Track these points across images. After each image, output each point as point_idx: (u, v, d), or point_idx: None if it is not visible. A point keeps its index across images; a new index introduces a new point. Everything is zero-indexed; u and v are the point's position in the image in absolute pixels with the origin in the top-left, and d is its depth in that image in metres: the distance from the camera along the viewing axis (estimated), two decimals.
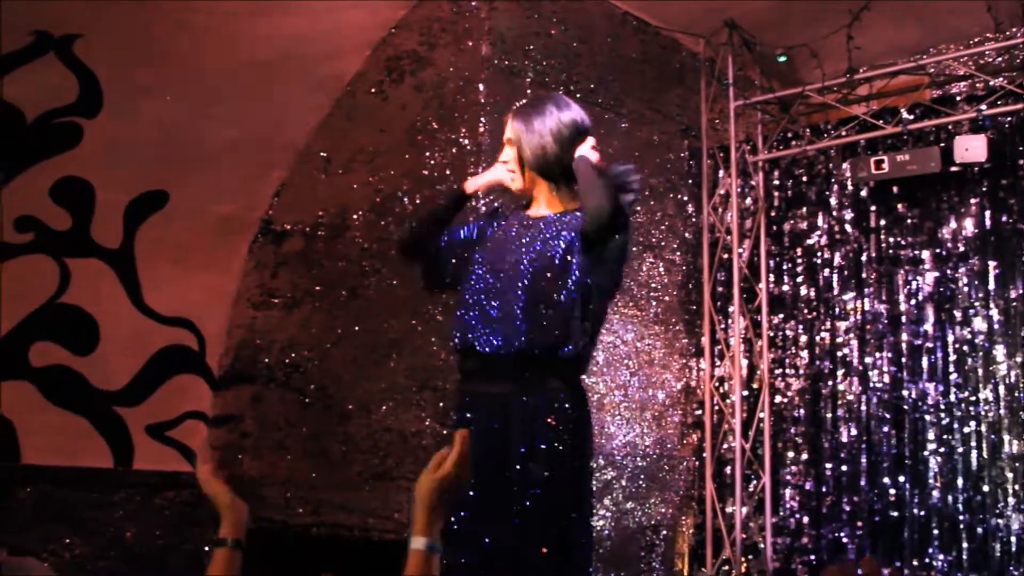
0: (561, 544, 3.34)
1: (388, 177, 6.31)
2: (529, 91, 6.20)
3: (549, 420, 3.30)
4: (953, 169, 6.52)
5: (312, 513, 6.32)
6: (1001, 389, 6.35)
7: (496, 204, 3.63)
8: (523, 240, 3.45)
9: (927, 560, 6.38)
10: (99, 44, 5.82)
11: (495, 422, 3.33)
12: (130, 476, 6.42)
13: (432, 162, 6.08)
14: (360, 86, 6.59)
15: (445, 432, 5.81)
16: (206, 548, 6.58)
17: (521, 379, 3.33)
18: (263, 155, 6.69)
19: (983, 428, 6.37)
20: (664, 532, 6.86)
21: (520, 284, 3.35)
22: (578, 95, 6.44)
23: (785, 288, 7.31)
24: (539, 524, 3.27)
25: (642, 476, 6.75)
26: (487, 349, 3.37)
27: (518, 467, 3.27)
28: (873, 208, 7.01)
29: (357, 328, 6.32)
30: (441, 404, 5.84)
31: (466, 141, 5.97)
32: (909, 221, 6.86)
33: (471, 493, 3.27)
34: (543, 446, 3.28)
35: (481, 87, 6.03)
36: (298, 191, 6.82)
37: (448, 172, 6.00)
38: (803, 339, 7.19)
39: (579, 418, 3.42)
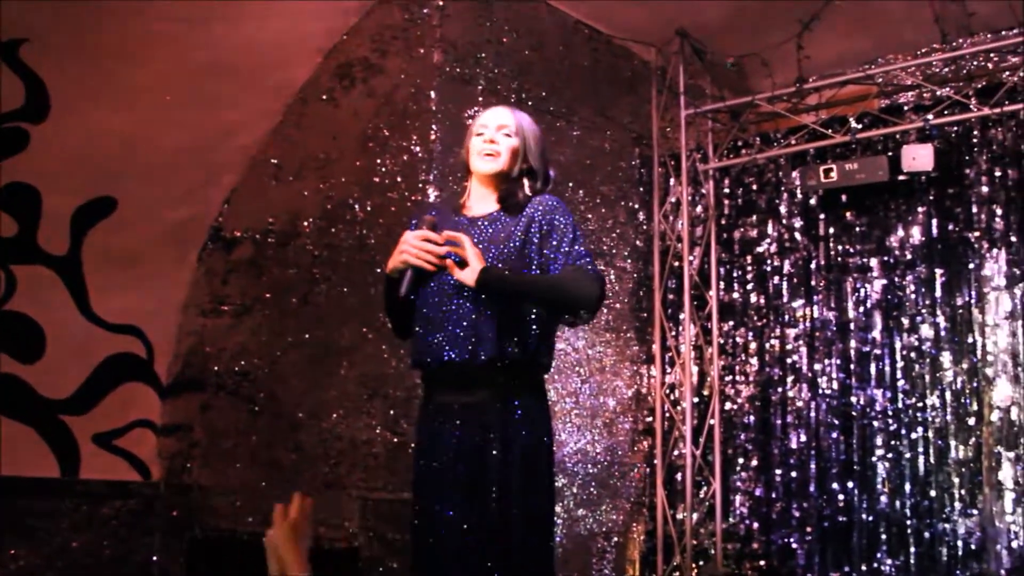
0: (538, 552, 3.39)
1: (339, 184, 6.29)
2: (481, 99, 6.20)
3: (524, 428, 3.36)
4: (901, 178, 6.59)
5: (262, 522, 6.24)
6: (948, 395, 6.42)
7: (424, 218, 3.50)
8: (479, 241, 3.45)
9: (875, 565, 6.43)
10: (46, 49, 5.75)
11: (470, 432, 3.36)
12: (77, 485, 6.34)
13: (383, 169, 6.07)
14: (311, 93, 6.56)
15: (396, 440, 5.79)
16: (154, 558, 6.53)
17: (495, 386, 3.37)
18: (213, 162, 6.65)
19: (930, 434, 6.43)
20: (615, 539, 6.87)
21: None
22: (530, 103, 6.46)
23: (735, 295, 7.36)
24: (518, 532, 3.30)
25: (593, 483, 6.76)
26: (455, 358, 3.38)
27: (496, 475, 3.30)
28: (822, 216, 7.07)
29: (307, 336, 6.29)
30: (392, 412, 5.82)
31: (417, 148, 5.96)
32: (857, 229, 6.93)
33: (450, 511, 3.33)
34: (519, 453, 3.33)
35: (433, 94, 6.02)
36: (249, 198, 6.78)
37: (399, 179, 5.99)
38: (753, 346, 7.24)
39: (548, 424, 3.50)
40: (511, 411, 3.38)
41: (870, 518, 6.52)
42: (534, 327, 3.45)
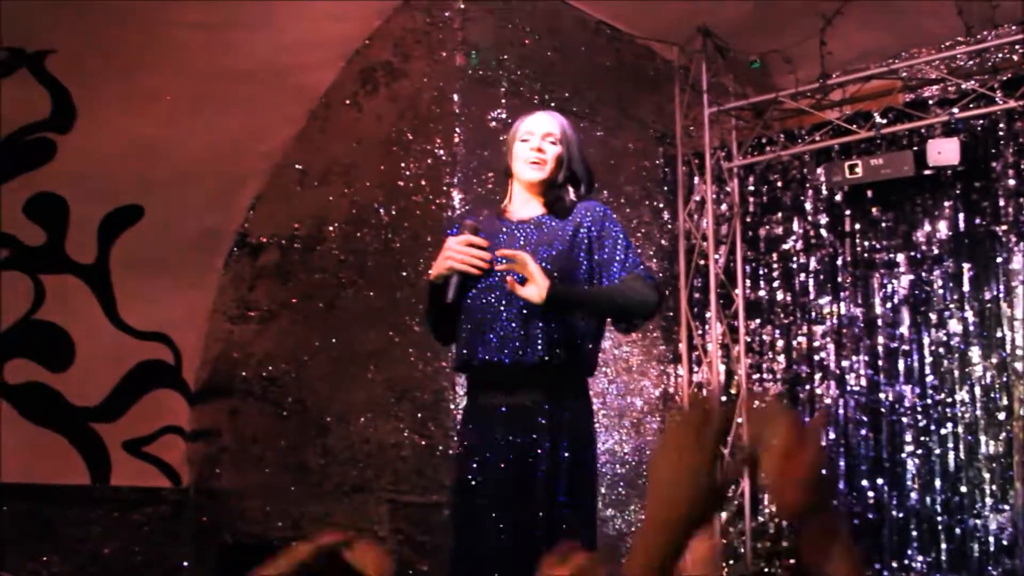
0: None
1: (363, 188, 6.31)
2: (504, 101, 6.21)
3: (570, 430, 3.45)
4: (926, 172, 6.55)
5: (292, 527, 6.29)
6: (977, 390, 6.39)
7: (466, 223, 3.64)
8: (525, 246, 3.54)
9: (906, 561, 6.40)
10: (72, 59, 5.79)
11: (517, 433, 3.44)
12: (107, 492, 6.39)
13: (407, 173, 6.08)
14: (335, 98, 6.58)
15: (424, 443, 5.80)
16: (185, 564, 6.56)
17: (543, 388, 3.45)
18: (238, 168, 6.68)
19: (960, 429, 6.40)
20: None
21: None
22: (553, 104, 6.45)
23: (761, 293, 7.34)
24: (564, 533, 3.29)
25: (621, 483, 6.75)
26: (506, 360, 3.45)
27: (543, 477, 3.38)
28: (848, 212, 7.04)
29: (334, 340, 6.31)
30: (419, 415, 5.83)
31: (441, 152, 5.97)
32: (883, 225, 6.89)
33: (496, 506, 3.42)
34: (566, 455, 3.42)
35: (456, 97, 6.03)
36: (274, 204, 6.81)
37: (423, 183, 6.00)
38: (780, 344, 7.22)
39: (592, 426, 3.64)
40: (558, 413, 3.45)
41: (900, 515, 6.50)
42: (581, 331, 3.53)
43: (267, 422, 6.57)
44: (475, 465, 3.52)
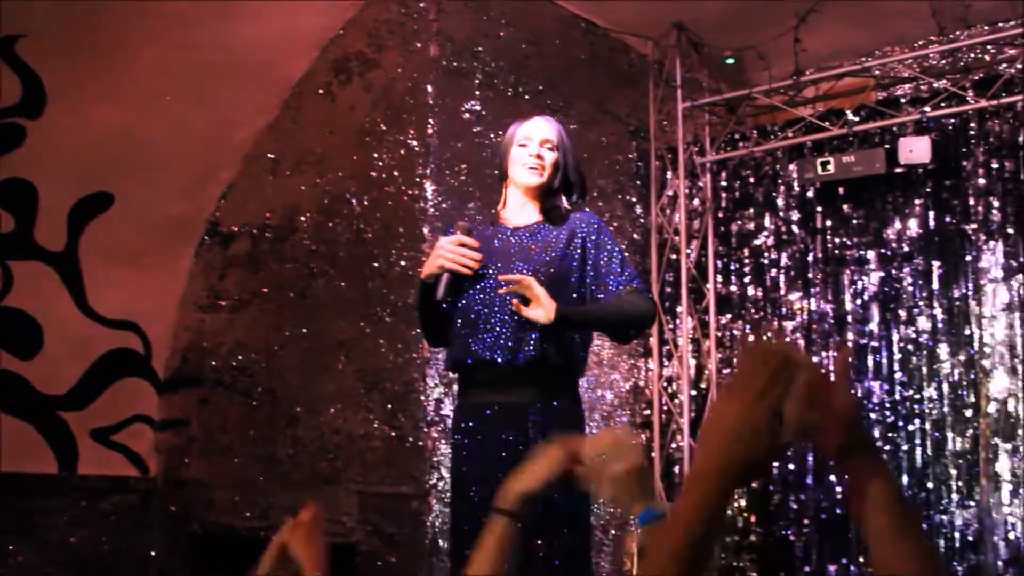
0: (577, 550, 3.61)
1: (336, 179, 6.29)
2: (478, 92, 6.20)
3: (561, 428, 3.38)
4: (898, 170, 6.59)
5: (260, 517, 6.28)
6: (945, 387, 6.43)
7: (459, 223, 3.77)
8: (520, 250, 3.68)
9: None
10: (43, 45, 5.75)
11: (510, 430, 3.54)
12: (75, 481, 6.36)
13: (380, 163, 6.07)
14: (308, 88, 6.56)
15: (394, 434, 5.80)
16: (152, 553, 6.54)
17: (535, 387, 3.55)
18: (210, 157, 6.65)
19: (927, 426, 6.44)
20: (613, 532, 6.88)
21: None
22: (527, 96, 6.45)
23: (732, 288, 7.36)
24: (558, 531, 3.47)
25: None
26: (498, 360, 3.56)
27: None
28: (819, 209, 7.07)
29: (305, 330, 6.29)
30: (390, 406, 5.83)
31: (414, 142, 5.96)
32: (855, 222, 6.92)
33: (487, 499, 3.39)
34: None
35: (429, 88, 6.01)
36: (245, 193, 6.79)
37: (396, 173, 5.99)
38: (750, 339, 7.24)
39: (583, 424, 3.75)
40: (550, 411, 3.54)
41: None
42: (574, 334, 3.63)
43: (236, 412, 6.55)
44: (469, 462, 3.61)
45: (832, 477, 6.70)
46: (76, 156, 6.09)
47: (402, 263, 5.89)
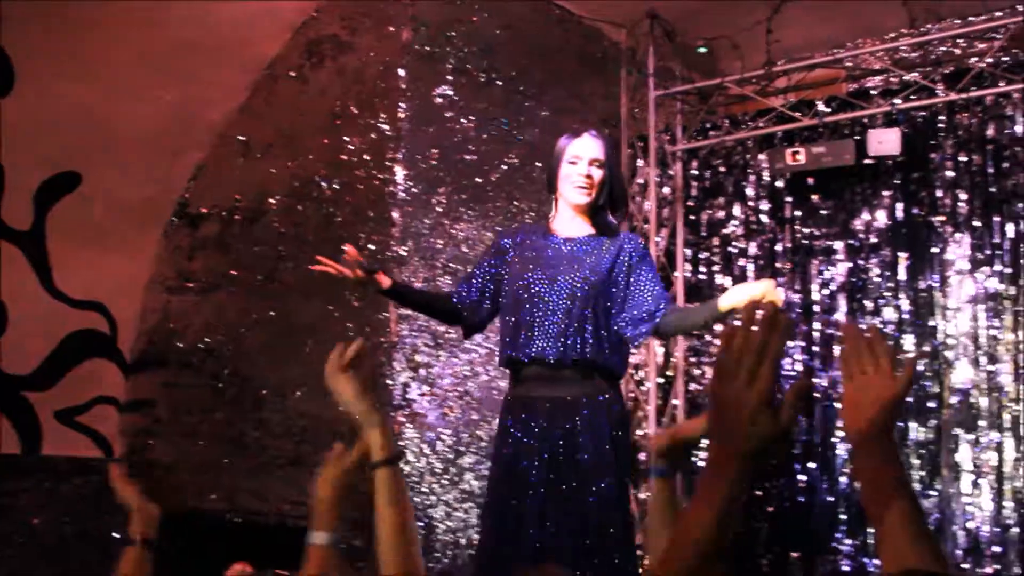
0: (621, 538, 3.90)
1: (306, 162, 6.27)
2: (450, 78, 6.19)
3: (605, 422, 3.87)
4: (867, 162, 6.62)
5: (226, 499, 6.27)
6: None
7: (508, 239, 4.22)
8: (572, 259, 4.01)
9: (834, 544, 6.49)
10: (11, 21, 5.69)
11: (557, 423, 3.88)
12: (38, 462, 6.32)
13: (351, 147, 6.05)
14: (280, 70, 6.52)
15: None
16: (115, 535, 6.51)
17: (582, 383, 3.90)
18: (180, 138, 6.60)
19: None
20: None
21: (580, 298, 3.90)
22: (499, 83, 6.45)
23: (701, 276, 7.38)
24: (606, 517, 3.82)
25: None
26: (550, 358, 3.89)
27: (578, 464, 3.82)
28: (788, 199, 7.10)
29: (273, 313, 6.27)
30: None
31: (386, 126, 5.95)
32: (823, 212, 6.96)
33: (538, 484, 3.85)
34: (600, 444, 3.84)
35: (402, 72, 6.00)
36: (215, 175, 6.75)
37: (367, 157, 5.98)
38: (718, 327, 7.26)
39: (626, 419, 4.15)
40: (596, 405, 3.87)
41: (831, 499, 6.58)
42: (617, 338, 3.97)
43: (203, 394, 6.52)
44: (517, 451, 3.92)
45: (796, 465, 6.74)
46: (44, 135, 6.04)
47: (371, 247, 5.88)
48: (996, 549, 6.02)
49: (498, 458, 4.07)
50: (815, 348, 6.84)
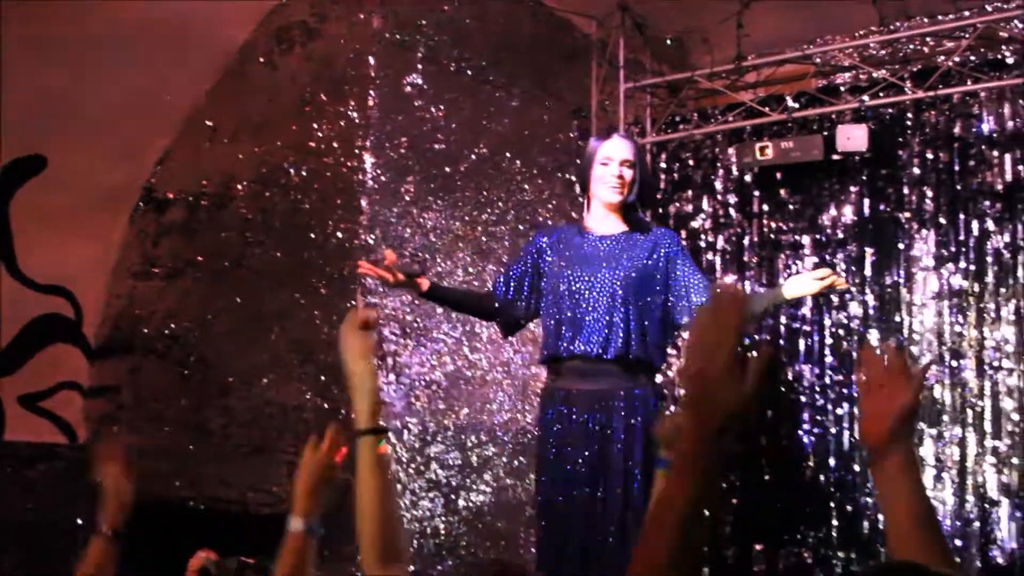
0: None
1: (274, 148, 6.24)
2: (420, 66, 6.18)
3: (643, 414, 4.05)
4: (835, 157, 6.63)
5: (190, 486, 6.24)
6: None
7: (545, 238, 4.44)
8: (608, 256, 4.21)
9: (798, 536, 6.52)
10: None
11: (597, 414, 4.08)
12: (1, 447, 6.27)
13: (320, 134, 6.03)
14: (249, 55, 6.49)
15: (327, 406, 5.78)
16: (79, 521, 6.46)
17: (620, 376, 4.10)
18: (147, 122, 6.56)
19: (856, 410, 6.51)
20: None
21: (620, 295, 4.11)
22: (469, 72, 6.44)
23: None
24: (638, 507, 3.94)
25: (523, 453, 6.78)
26: (591, 353, 4.08)
27: (619, 454, 4.03)
28: (756, 193, 7.11)
29: (239, 300, 6.25)
30: (323, 378, 5.81)
31: (355, 114, 5.93)
32: (791, 207, 6.98)
33: (583, 483, 4.08)
34: (638, 436, 4.02)
35: (371, 60, 5.98)
36: (182, 160, 6.71)
37: (335, 144, 5.96)
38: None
39: (659, 405, 4.23)
40: (632, 396, 4.07)
41: (794, 491, 6.61)
42: (653, 327, 4.16)
43: (168, 381, 6.49)
44: (558, 442, 4.16)
45: (761, 459, 6.76)
46: (9, 118, 5.99)
47: (339, 235, 5.87)
48: (958, 543, 6.07)
49: (543, 460, 4.31)
50: (781, 341, 6.86)
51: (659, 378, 4.54)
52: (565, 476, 4.12)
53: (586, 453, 4.07)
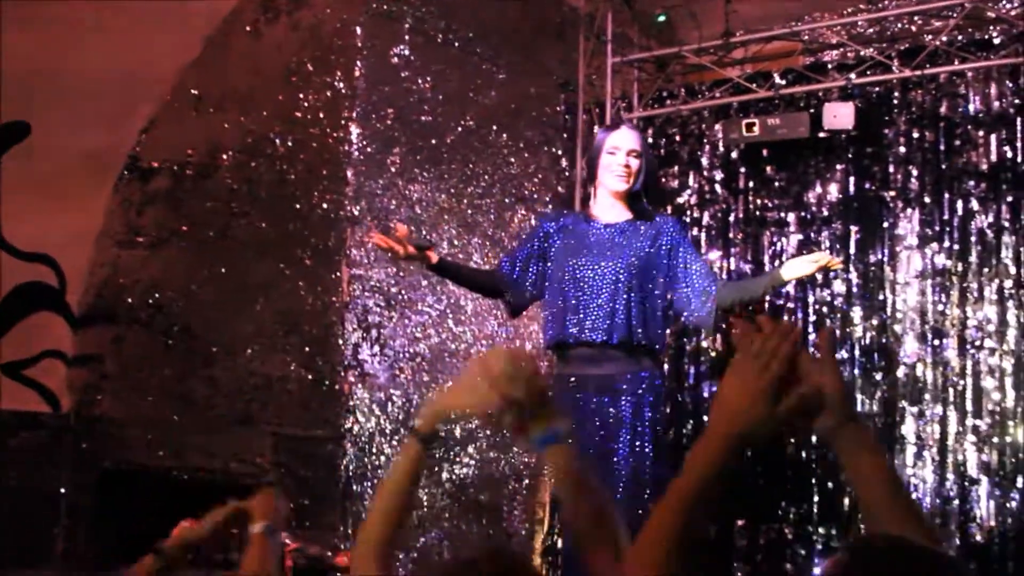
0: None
1: (260, 118, 6.22)
2: (407, 37, 6.16)
3: (649, 396, 4.23)
4: (821, 135, 6.65)
5: (174, 456, 6.24)
6: (856, 351, 6.54)
7: (552, 224, 4.53)
8: (613, 244, 4.34)
9: (779, 513, 6.56)
10: None
11: (604, 398, 4.22)
12: None
13: (306, 104, 6.01)
14: (235, 24, 6.45)
15: (311, 377, 5.79)
16: (63, 490, 6.47)
17: (625, 361, 4.23)
18: (132, 90, 6.52)
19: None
20: (527, 481, 6.94)
21: (624, 282, 4.24)
22: (456, 44, 6.42)
23: None
24: (647, 490, 4.14)
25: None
26: (596, 339, 4.22)
27: (627, 436, 4.17)
28: (742, 170, 7.12)
29: (224, 270, 6.23)
30: (307, 349, 5.81)
31: (341, 84, 5.91)
32: (776, 184, 6.99)
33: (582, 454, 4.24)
34: (646, 418, 4.20)
35: (358, 30, 5.96)
36: (167, 128, 6.67)
37: (321, 115, 5.94)
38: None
39: (665, 393, 4.48)
40: (639, 381, 4.21)
41: (776, 468, 6.64)
42: (657, 313, 4.31)
43: (152, 350, 6.47)
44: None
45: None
46: None
47: (324, 206, 5.86)
48: (936, 521, 6.11)
49: None
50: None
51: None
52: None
53: (596, 438, 4.19)
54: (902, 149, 6.58)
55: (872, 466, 1.73)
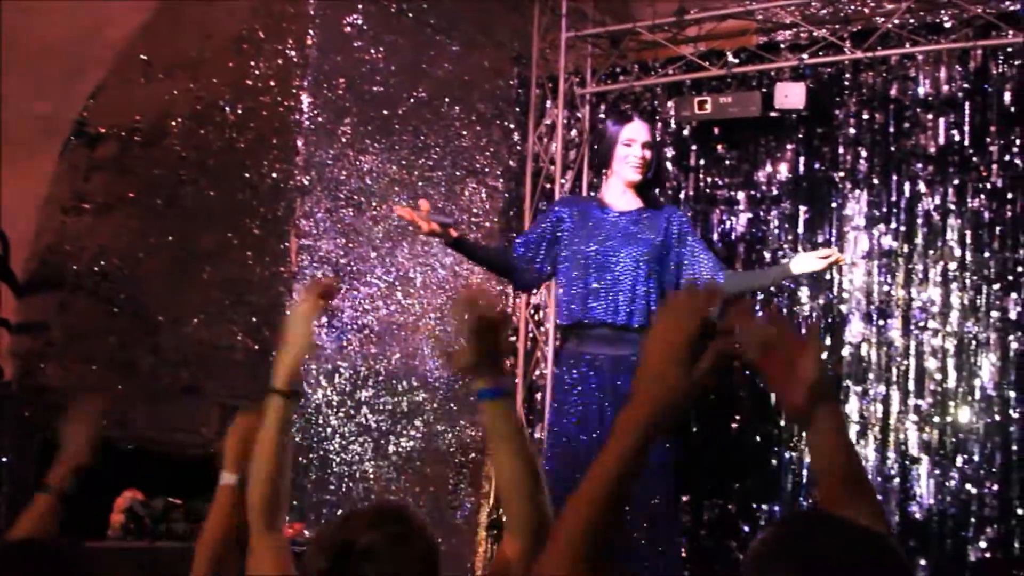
0: (672, 494, 4.67)
1: (210, 85, 6.14)
2: (361, 7, 6.11)
3: None
4: (772, 114, 6.68)
5: (118, 425, 6.17)
6: (802, 329, 6.60)
7: (564, 209, 4.85)
8: (629, 232, 4.65)
9: (724, 488, 6.62)
10: None
11: (618, 377, 4.47)
12: None
13: (257, 72, 5.95)
14: None
15: (257, 347, 5.75)
16: (4, 459, 6.39)
17: (639, 344, 4.30)
18: (81, 55, 6.41)
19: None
20: (473, 455, 6.95)
21: (643, 268, 4.56)
22: (410, 14, 6.38)
23: None
24: (660, 473, 4.43)
25: (453, 400, 6.81)
26: (616, 321, 4.53)
27: None
28: (694, 147, 7.15)
29: (171, 238, 6.16)
30: (254, 319, 5.77)
31: (293, 53, 5.86)
32: (727, 162, 7.03)
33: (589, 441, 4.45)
34: None
35: None
36: (115, 94, 6.56)
37: (272, 83, 5.89)
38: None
39: None
40: None
41: (722, 445, 6.70)
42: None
43: (97, 318, 6.39)
44: (576, 404, 4.59)
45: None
46: None
47: (274, 175, 5.81)
48: (878, 498, 6.18)
49: (556, 417, 4.80)
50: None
51: None
52: (577, 431, 4.56)
53: (605, 415, 4.44)
54: (852, 130, 6.63)
55: (838, 446, 1.77)
